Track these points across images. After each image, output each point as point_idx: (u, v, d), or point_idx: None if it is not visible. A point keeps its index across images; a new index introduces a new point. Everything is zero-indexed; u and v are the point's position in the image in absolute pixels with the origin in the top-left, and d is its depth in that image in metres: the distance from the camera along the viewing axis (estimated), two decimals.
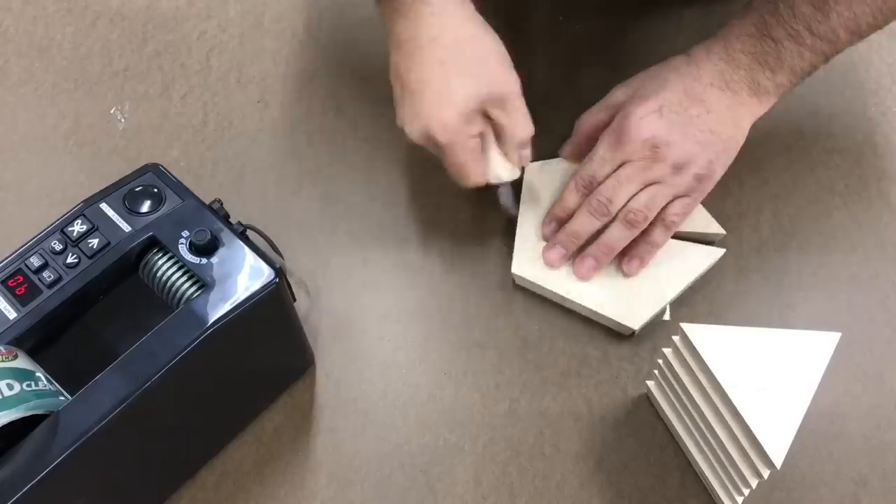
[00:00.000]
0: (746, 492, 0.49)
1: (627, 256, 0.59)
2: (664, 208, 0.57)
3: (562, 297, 0.59)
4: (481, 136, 0.55)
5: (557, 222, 0.60)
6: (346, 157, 0.68)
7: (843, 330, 0.59)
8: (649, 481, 0.54)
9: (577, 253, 0.60)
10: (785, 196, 0.65)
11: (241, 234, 0.49)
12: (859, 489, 0.53)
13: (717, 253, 0.60)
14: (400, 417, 0.57)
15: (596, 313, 0.59)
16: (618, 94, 0.61)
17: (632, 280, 0.59)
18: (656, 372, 0.54)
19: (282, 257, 0.57)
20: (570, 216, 0.59)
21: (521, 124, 0.56)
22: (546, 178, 0.64)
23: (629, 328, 0.58)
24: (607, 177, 0.57)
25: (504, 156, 0.57)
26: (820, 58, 0.55)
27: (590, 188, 0.58)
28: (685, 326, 0.48)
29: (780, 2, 0.54)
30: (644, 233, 0.58)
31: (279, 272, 0.47)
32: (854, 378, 0.57)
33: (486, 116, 0.55)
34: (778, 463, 0.44)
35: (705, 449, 0.51)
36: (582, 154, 0.61)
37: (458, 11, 0.55)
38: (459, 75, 0.53)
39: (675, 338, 0.50)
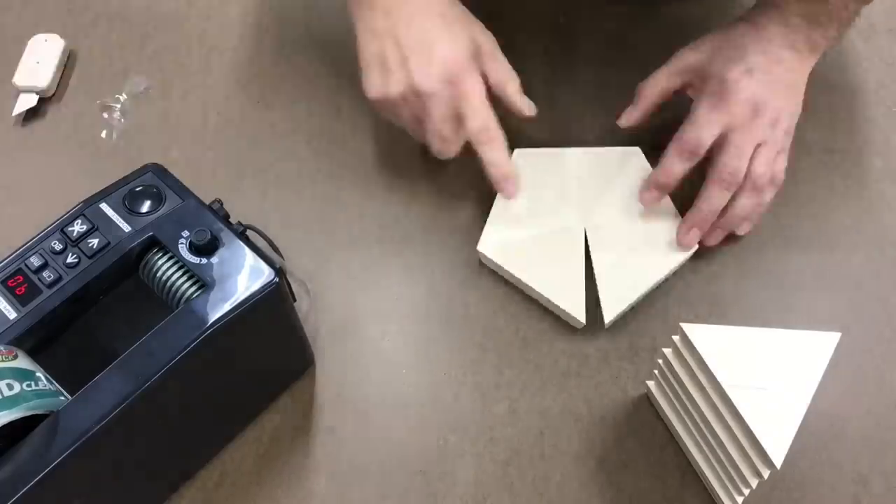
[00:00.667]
0: (746, 492, 0.49)
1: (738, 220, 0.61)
2: None
3: (519, 281, 0.60)
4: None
5: (659, 189, 0.60)
6: (346, 157, 0.68)
7: (843, 330, 0.59)
8: (649, 481, 0.54)
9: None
10: (785, 196, 0.65)
11: (241, 234, 0.49)
12: (859, 489, 0.53)
13: (686, 251, 0.61)
14: (400, 417, 0.57)
15: (550, 302, 0.59)
16: (689, 58, 0.61)
17: (598, 275, 0.59)
18: (656, 372, 0.54)
19: (282, 257, 0.57)
20: (674, 182, 0.60)
21: (511, 71, 0.61)
22: (527, 165, 0.64)
23: (579, 322, 0.58)
24: (713, 139, 0.58)
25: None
26: (861, 3, 0.58)
27: (695, 152, 0.58)
28: (685, 326, 0.48)
29: None
30: None
31: (279, 272, 0.47)
32: (854, 378, 0.57)
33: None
34: (778, 463, 0.44)
35: (705, 449, 0.51)
36: (646, 119, 0.63)
37: None
38: (460, 23, 0.59)
39: (676, 338, 0.50)
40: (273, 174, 0.68)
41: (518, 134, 0.67)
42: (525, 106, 0.61)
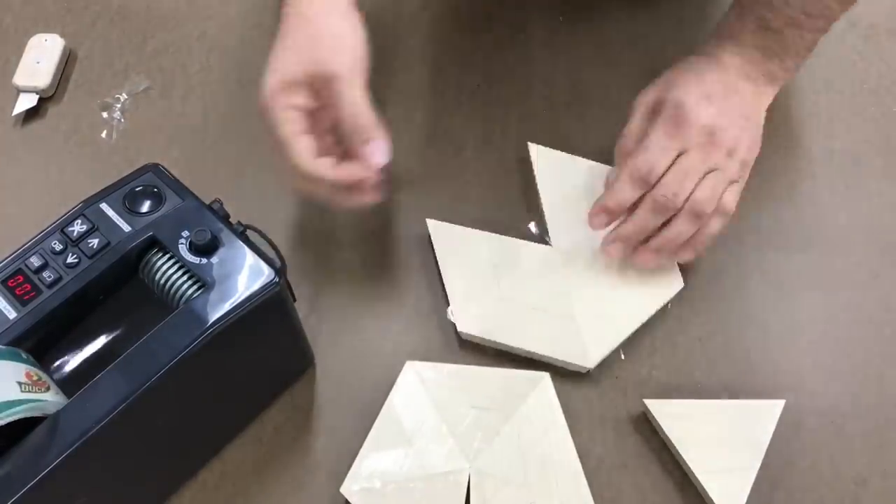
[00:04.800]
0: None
1: (682, 246, 0.57)
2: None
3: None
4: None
5: (608, 214, 0.57)
6: None
7: (844, 330, 0.59)
8: (649, 481, 0.54)
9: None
10: (785, 196, 0.65)
11: (241, 234, 0.49)
12: (859, 489, 0.53)
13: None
14: None
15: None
16: (649, 96, 0.59)
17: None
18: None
19: (282, 257, 0.56)
20: (624, 208, 0.57)
21: (347, 109, 0.52)
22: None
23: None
24: (666, 167, 0.55)
25: None
26: (819, 33, 0.57)
27: (647, 179, 0.55)
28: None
29: None
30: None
31: (279, 272, 0.47)
32: (854, 378, 0.57)
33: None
34: None
35: None
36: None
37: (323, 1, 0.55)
38: (287, 48, 0.53)
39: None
40: (273, 174, 0.67)
41: (521, 133, 0.67)
42: (363, 157, 0.53)
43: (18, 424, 0.39)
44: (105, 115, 0.71)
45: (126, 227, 0.48)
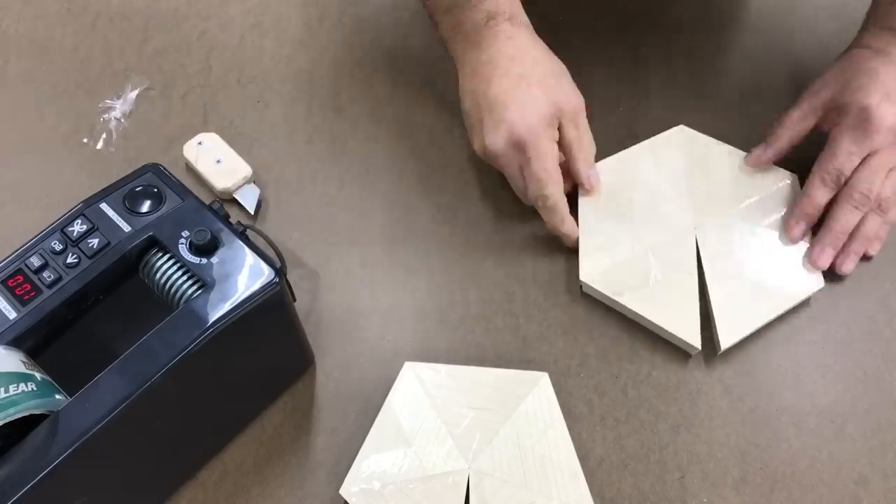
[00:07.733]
0: None
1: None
2: None
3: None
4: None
5: (807, 220, 0.60)
6: (346, 157, 0.68)
7: (844, 330, 0.59)
8: (649, 481, 0.54)
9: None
10: None
11: (241, 234, 0.49)
12: (859, 489, 0.53)
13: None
14: None
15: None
16: (821, 94, 0.61)
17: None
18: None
19: (282, 257, 0.57)
20: (819, 211, 0.60)
21: (588, 139, 0.61)
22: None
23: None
24: (854, 169, 0.58)
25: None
26: None
27: (839, 182, 0.59)
28: None
29: None
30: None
31: (279, 272, 0.47)
32: (854, 378, 0.57)
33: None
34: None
35: None
36: (779, 160, 0.63)
37: (529, 36, 0.62)
38: (539, 86, 0.59)
39: None
40: (273, 174, 0.68)
41: None
42: (586, 178, 0.61)
43: (18, 424, 0.39)
44: (105, 115, 0.71)
45: (126, 227, 0.48)
